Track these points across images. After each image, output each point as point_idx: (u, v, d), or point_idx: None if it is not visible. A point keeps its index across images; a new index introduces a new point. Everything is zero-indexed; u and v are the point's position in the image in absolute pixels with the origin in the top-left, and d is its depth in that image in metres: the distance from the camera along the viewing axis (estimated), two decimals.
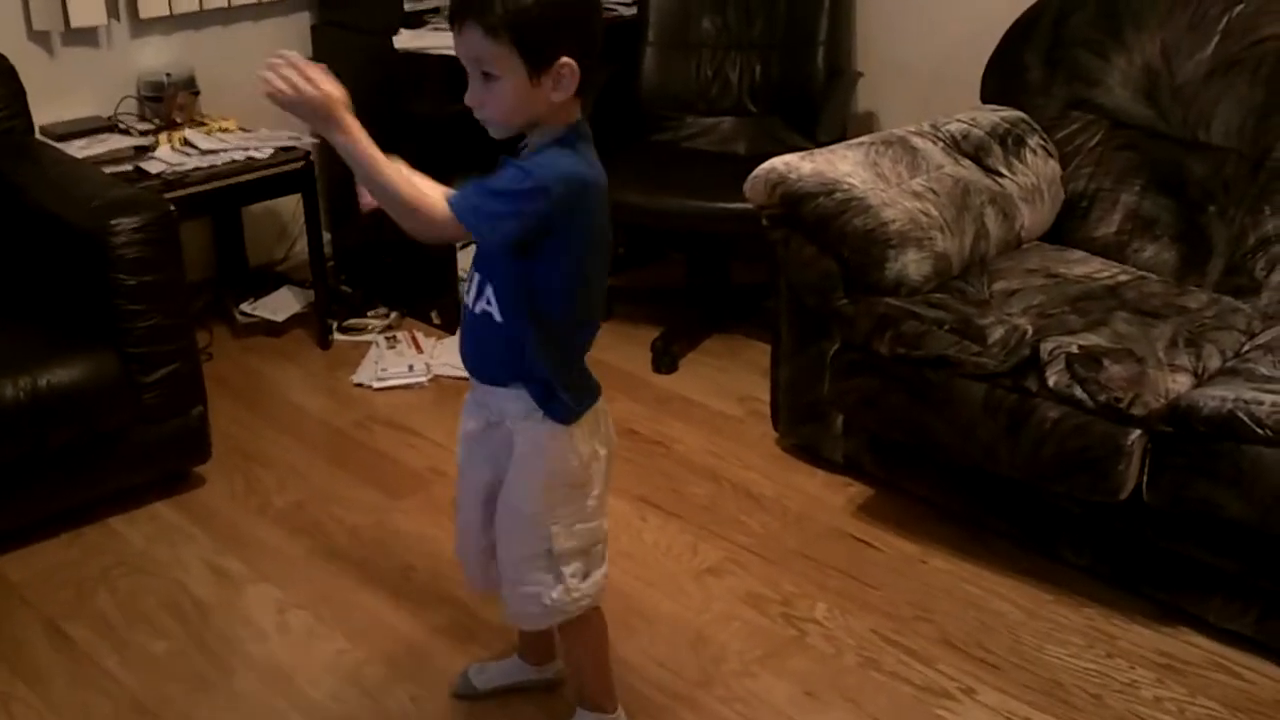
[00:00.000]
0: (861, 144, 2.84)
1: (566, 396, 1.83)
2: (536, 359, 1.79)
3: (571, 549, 1.90)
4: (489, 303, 1.78)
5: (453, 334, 3.56)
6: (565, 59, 1.66)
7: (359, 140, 1.64)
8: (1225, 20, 2.82)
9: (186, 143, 3.31)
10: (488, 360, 1.86)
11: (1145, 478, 2.27)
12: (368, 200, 1.75)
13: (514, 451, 1.86)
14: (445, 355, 3.44)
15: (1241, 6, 2.82)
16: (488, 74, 1.67)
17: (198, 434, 2.82)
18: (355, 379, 3.37)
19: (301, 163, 3.36)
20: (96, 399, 2.62)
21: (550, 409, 1.82)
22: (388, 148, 1.68)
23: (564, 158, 1.70)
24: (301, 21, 3.75)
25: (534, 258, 1.72)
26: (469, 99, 1.72)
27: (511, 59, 1.65)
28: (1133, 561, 2.42)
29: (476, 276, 1.81)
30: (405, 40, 3.45)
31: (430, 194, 1.69)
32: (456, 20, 1.68)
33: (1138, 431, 2.26)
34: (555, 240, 1.71)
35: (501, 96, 1.68)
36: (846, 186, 2.65)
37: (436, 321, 3.64)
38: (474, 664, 2.26)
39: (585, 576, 1.94)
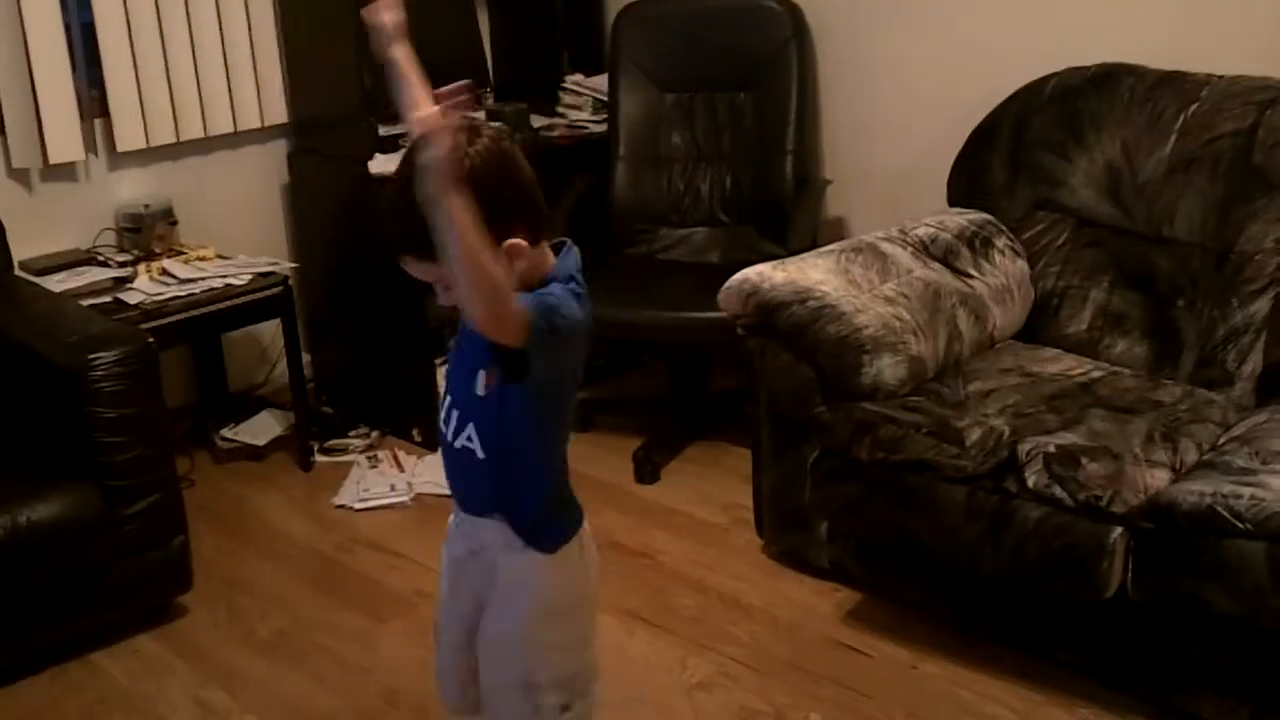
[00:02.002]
0: (832, 251, 2.88)
1: (551, 526, 1.81)
2: (523, 491, 1.78)
3: (551, 680, 1.84)
4: (470, 439, 1.76)
5: (434, 451, 3.56)
6: (506, 241, 1.61)
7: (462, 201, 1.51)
8: (1181, 119, 2.89)
9: (165, 272, 3.34)
10: (473, 491, 1.83)
11: (1130, 575, 2.27)
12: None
13: (496, 581, 1.84)
14: (427, 473, 3.43)
15: (1196, 105, 2.88)
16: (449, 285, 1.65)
17: (179, 564, 2.80)
18: (337, 500, 3.35)
19: (280, 288, 3.38)
20: (78, 535, 2.60)
21: (534, 539, 1.80)
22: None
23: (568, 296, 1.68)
24: (278, 149, 3.80)
25: (519, 392, 1.69)
26: (441, 301, 1.69)
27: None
28: (1124, 659, 2.41)
29: (455, 413, 1.78)
30: (380, 165, 3.49)
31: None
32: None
33: (1119, 529, 2.26)
34: (549, 373, 1.68)
35: None
36: (819, 294, 2.69)
37: (418, 439, 3.64)
38: None
39: (565, 710, 1.85)
